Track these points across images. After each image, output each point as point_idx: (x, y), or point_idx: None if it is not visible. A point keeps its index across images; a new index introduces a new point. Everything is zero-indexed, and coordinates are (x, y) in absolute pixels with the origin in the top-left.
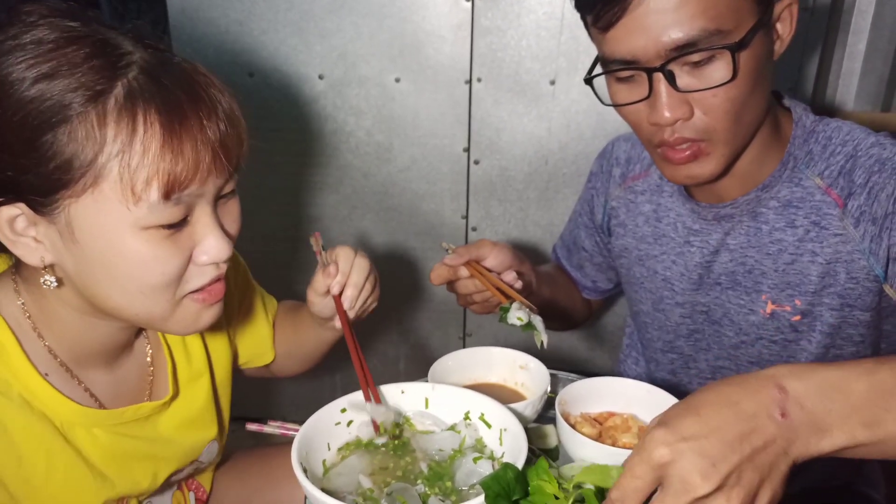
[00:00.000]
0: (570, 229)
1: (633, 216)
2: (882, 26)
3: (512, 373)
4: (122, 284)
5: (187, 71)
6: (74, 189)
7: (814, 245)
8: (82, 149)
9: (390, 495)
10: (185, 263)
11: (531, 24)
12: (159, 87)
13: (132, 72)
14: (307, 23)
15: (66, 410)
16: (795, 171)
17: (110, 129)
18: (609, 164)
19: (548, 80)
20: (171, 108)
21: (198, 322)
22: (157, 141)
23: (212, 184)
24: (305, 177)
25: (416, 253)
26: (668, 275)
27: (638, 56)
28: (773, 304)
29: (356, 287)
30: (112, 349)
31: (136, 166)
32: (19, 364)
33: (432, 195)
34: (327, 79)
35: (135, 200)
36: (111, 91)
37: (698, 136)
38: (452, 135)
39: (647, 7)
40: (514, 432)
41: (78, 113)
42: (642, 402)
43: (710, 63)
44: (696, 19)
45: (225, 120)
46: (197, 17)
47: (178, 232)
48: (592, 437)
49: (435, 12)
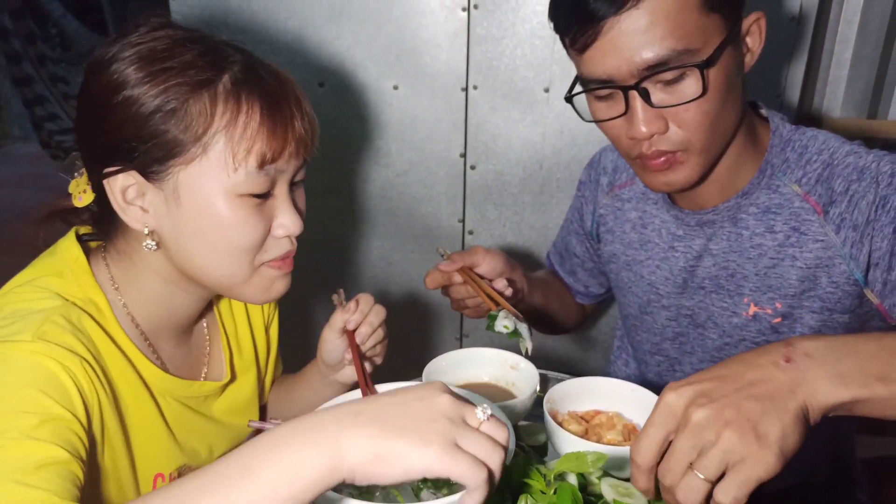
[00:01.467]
0: (562, 236)
1: (621, 223)
2: (868, 34)
3: (503, 372)
4: (213, 243)
5: (277, 73)
6: (185, 157)
7: (794, 250)
8: (196, 123)
9: (384, 488)
10: (265, 232)
11: (526, 33)
12: (258, 78)
13: (236, 66)
14: (307, 31)
15: (150, 374)
16: (773, 178)
17: (219, 108)
18: (596, 174)
19: (542, 87)
20: (267, 96)
21: (271, 289)
22: (255, 120)
23: (293, 164)
24: (306, 180)
25: (413, 255)
26: (653, 279)
27: (613, 76)
28: (755, 307)
29: (371, 326)
30: (183, 322)
31: (238, 139)
32: (113, 326)
33: (429, 199)
34: (327, 85)
35: (234, 167)
36: (220, 80)
37: (674, 147)
38: (449, 140)
39: (619, 30)
40: None
41: (194, 95)
42: (627, 400)
43: (681, 80)
44: (666, 40)
45: (307, 115)
46: (198, 26)
47: (263, 203)
48: (579, 434)
49: (432, 21)
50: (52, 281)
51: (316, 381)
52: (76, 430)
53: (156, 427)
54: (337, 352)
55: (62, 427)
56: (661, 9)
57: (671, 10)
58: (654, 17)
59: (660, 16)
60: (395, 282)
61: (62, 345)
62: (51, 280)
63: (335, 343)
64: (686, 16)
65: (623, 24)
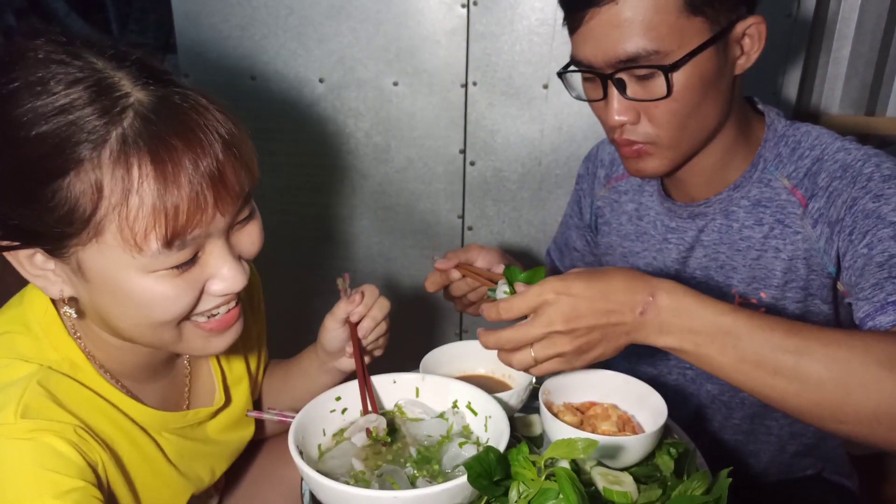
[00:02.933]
0: (561, 231)
1: (618, 215)
2: (865, 31)
3: (499, 364)
4: (133, 318)
5: (183, 108)
6: (80, 238)
7: (777, 241)
8: (81, 202)
9: (381, 477)
10: (196, 297)
11: (524, 30)
12: (151, 133)
13: (127, 118)
14: (307, 28)
15: (141, 414)
16: (765, 172)
17: (106, 182)
18: (594, 166)
19: (540, 83)
20: (163, 155)
21: (207, 348)
22: (152, 192)
23: (219, 220)
24: (305, 177)
25: (413, 251)
26: (649, 271)
27: (592, 62)
28: (739, 298)
29: (374, 320)
30: (154, 366)
31: (133, 218)
32: (93, 377)
33: (429, 195)
34: (327, 82)
35: (137, 250)
36: (106, 142)
37: (642, 139)
38: (448, 136)
39: (599, 20)
40: (497, 419)
41: (76, 165)
42: (621, 391)
43: (652, 78)
44: (638, 38)
45: (222, 150)
46: (200, 23)
47: (189, 269)
48: (574, 424)
49: (431, 18)
50: (23, 343)
51: (313, 367)
52: (95, 495)
53: (157, 466)
54: (337, 340)
55: (80, 497)
56: (639, 7)
57: (648, 10)
58: (630, 14)
59: (636, 14)
60: (394, 277)
61: (49, 417)
62: (23, 342)
63: (336, 332)
64: (663, 16)
65: (603, 15)
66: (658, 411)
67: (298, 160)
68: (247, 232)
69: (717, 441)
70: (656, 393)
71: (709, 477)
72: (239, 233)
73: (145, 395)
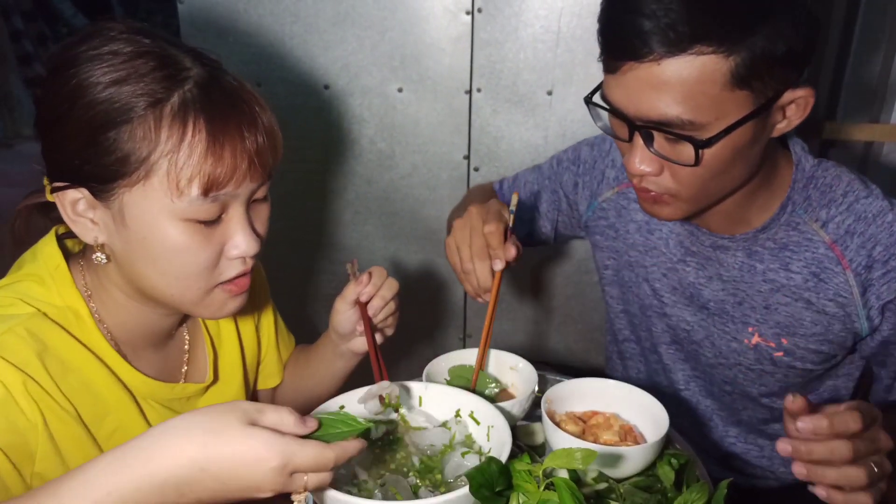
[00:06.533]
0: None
1: (625, 222)
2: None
3: (502, 373)
4: (161, 267)
5: (235, 88)
6: (129, 180)
7: (811, 294)
8: (139, 146)
9: (383, 486)
10: (215, 256)
11: (528, 38)
12: (209, 100)
13: (188, 84)
14: (312, 35)
15: (131, 378)
16: (793, 215)
17: (164, 131)
18: (604, 164)
19: (545, 90)
20: (216, 119)
21: (223, 309)
22: (202, 146)
23: (246, 187)
24: (311, 183)
25: (416, 257)
26: (657, 287)
27: (622, 109)
28: (759, 337)
29: (383, 299)
30: (156, 335)
31: (181, 165)
32: (94, 332)
33: (433, 201)
34: (332, 88)
35: (178, 194)
36: (168, 100)
37: (661, 191)
38: (452, 143)
39: (636, 75)
40: (500, 429)
41: (139, 116)
42: (624, 401)
43: (682, 142)
44: (674, 105)
45: (263, 133)
46: (207, 30)
47: (212, 227)
48: (576, 434)
49: (435, 25)
50: (31, 287)
51: (328, 352)
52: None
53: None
54: (348, 322)
55: None
56: (681, 74)
57: (690, 78)
58: (671, 78)
59: (677, 79)
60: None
61: (11, 360)
62: (31, 286)
63: (347, 314)
64: (705, 88)
65: (641, 72)
66: (660, 421)
67: (303, 166)
68: (261, 209)
69: (716, 452)
70: (658, 403)
71: (709, 488)
72: (255, 208)
73: (141, 362)
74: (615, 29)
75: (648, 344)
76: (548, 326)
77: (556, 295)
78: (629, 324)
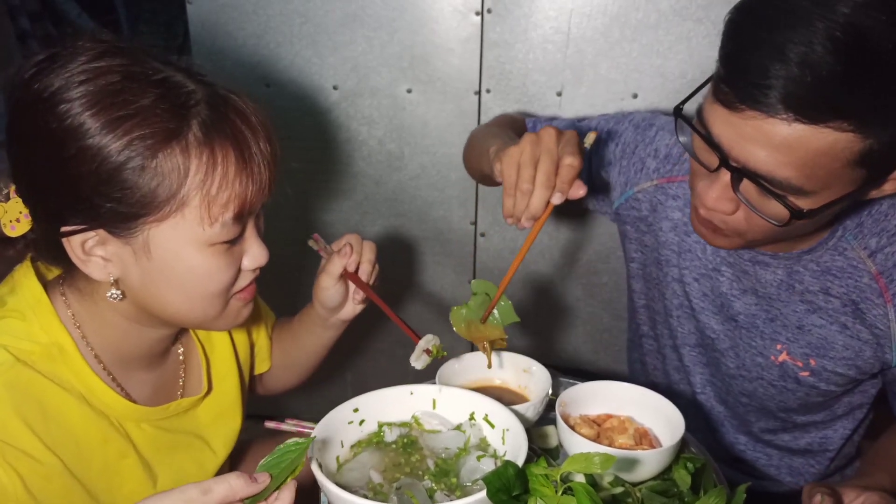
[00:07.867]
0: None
1: (659, 219)
2: None
3: (516, 376)
4: (187, 292)
5: (233, 99)
6: (158, 215)
7: (847, 319)
8: (168, 181)
9: (399, 490)
10: (237, 271)
11: (538, 38)
12: (226, 120)
13: (200, 108)
14: (321, 36)
15: (120, 406)
16: (842, 240)
17: (193, 162)
18: (645, 152)
19: (554, 91)
20: (239, 138)
21: (238, 317)
22: (232, 168)
23: (261, 202)
24: (319, 183)
25: (425, 258)
26: (688, 290)
27: (723, 147)
28: (787, 356)
29: (370, 262)
30: (152, 354)
31: (216, 192)
32: (79, 365)
33: (441, 202)
34: (341, 89)
35: (211, 222)
36: (189, 128)
37: (725, 228)
38: (461, 144)
39: (755, 126)
40: (515, 432)
41: (164, 149)
42: (638, 404)
43: (774, 198)
44: (787, 168)
45: (273, 146)
46: (216, 31)
47: (234, 246)
48: (591, 437)
49: (444, 26)
50: (13, 325)
51: (316, 325)
52: None
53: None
54: (338, 295)
55: None
56: (809, 143)
57: (816, 151)
58: (794, 144)
59: (801, 147)
60: (407, 285)
61: None
62: (12, 324)
63: (335, 288)
64: (828, 162)
65: (764, 124)
66: (675, 424)
67: (312, 167)
68: (260, 216)
69: (726, 456)
70: (673, 405)
71: (726, 493)
72: (256, 219)
73: (133, 384)
74: (755, 72)
75: (670, 342)
76: (556, 329)
77: (565, 297)
78: (649, 319)
